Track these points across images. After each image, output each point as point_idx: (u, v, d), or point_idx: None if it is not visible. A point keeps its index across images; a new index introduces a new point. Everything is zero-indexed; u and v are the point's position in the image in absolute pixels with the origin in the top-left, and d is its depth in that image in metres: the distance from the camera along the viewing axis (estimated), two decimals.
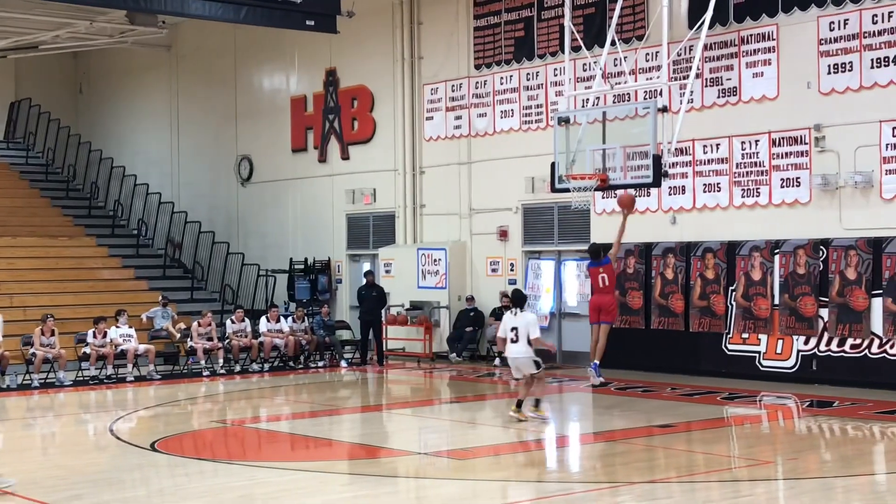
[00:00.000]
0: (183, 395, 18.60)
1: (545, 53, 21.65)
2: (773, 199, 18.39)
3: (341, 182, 25.79)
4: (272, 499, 10.20)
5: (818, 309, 17.74)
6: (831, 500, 10.11)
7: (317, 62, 26.20)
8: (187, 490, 10.84)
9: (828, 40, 17.67)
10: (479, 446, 13.21)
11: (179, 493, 10.73)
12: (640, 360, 19.82)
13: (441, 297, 23.14)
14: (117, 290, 24.78)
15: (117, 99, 32.38)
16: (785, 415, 15.86)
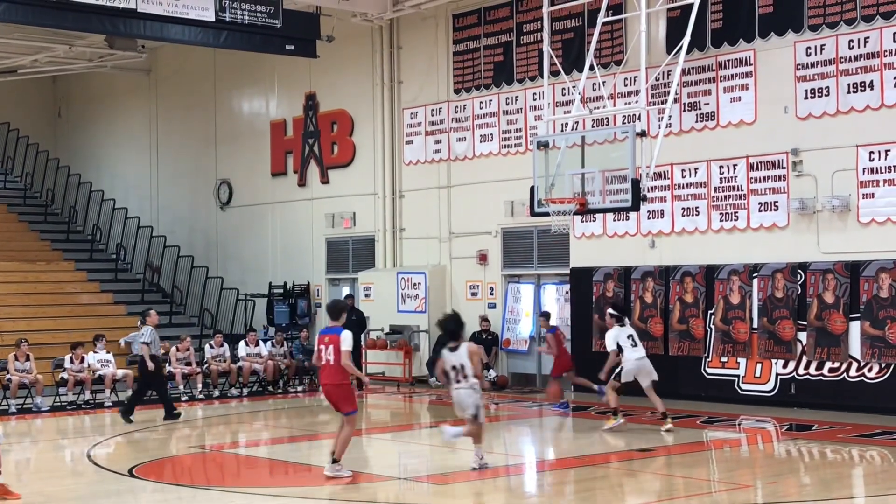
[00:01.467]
0: (161, 421, 18.47)
1: (524, 78, 21.74)
2: (751, 223, 18.48)
3: (321, 206, 25.78)
4: None
5: (796, 332, 17.80)
6: None
7: (296, 86, 26.22)
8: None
9: (805, 65, 17.81)
10: (459, 471, 13.16)
11: None
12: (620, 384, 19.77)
13: (421, 321, 23.11)
14: (95, 314, 24.66)
15: (96, 123, 32.31)
16: (764, 438, 15.88)
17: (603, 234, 20.48)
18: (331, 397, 12.22)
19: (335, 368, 11.95)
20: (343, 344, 11.86)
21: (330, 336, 12.05)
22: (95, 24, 20.46)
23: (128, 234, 28.69)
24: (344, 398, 12.13)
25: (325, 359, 11.99)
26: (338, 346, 11.90)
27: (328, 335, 12.10)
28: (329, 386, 12.12)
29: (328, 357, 11.95)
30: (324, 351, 11.99)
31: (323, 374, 12.15)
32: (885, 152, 16.96)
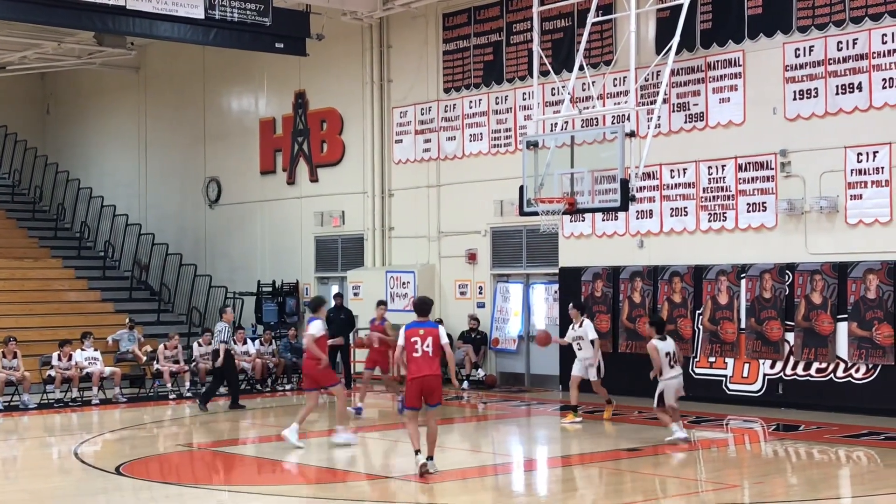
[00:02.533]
0: (149, 419, 18.46)
1: (514, 78, 21.75)
2: (740, 224, 18.52)
3: (310, 204, 25.76)
4: None
5: (784, 333, 17.85)
6: None
7: (286, 84, 26.19)
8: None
9: (793, 66, 17.86)
10: (446, 470, 13.16)
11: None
12: (608, 383, 19.77)
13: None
14: (83, 312, 24.61)
15: (85, 120, 32.22)
16: (751, 438, 15.92)
17: (592, 234, 20.50)
18: (427, 387, 12.19)
19: (433, 360, 12.14)
20: (442, 338, 12.26)
21: (426, 329, 12.27)
22: (85, 21, 20.42)
23: (116, 231, 28.63)
24: (439, 390, 12.29)
25: (421, 350, 12.11)
26: (437, 339, 12.17)
27: (423, 328, 12.29)
28: (430, 377, 12.15)
29: (426, 349, 12.10)
30: (419, 343, 12.12)
31: (417, 365, 12.13)
32: (873, 154, 17.01)
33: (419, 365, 12.12)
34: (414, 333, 12.23)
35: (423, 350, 12.10)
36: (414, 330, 12.29)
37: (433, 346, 12.12)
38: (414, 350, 12.12)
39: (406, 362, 12.26)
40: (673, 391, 14.55)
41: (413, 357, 12.14)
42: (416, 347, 12.12)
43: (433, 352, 12.12)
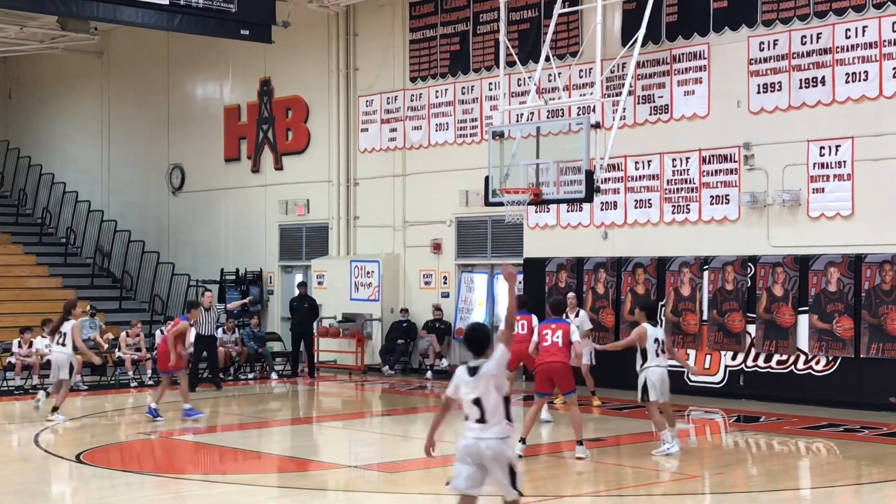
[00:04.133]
0: (110, 407, 18.34)
1: (480, 68, 21.75)
2: (703, 216, 18.63)
3: (274, 193, 25.65)
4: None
5: (745, 325, 17.98)
6: None
7: (251, 72, 26.05)
8: (112, 502, 10.69)
9: (758, 60, 17.96)
10: (409, 460, 13.18)
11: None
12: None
13: (374, 310, 23.09)
14: (44, 298, 24.39)
15: (48, 105, 31.89)
16: (712, 429, 16.03)
17: (556, 225, 20.56)
18: (556, 374, 12.77)
19: (563, 350, 12.80)
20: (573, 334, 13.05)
21: (557, 324, 13.02)
22: (48, 5, 20.22)
23: (78, 217, 28.39)
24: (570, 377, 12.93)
25: (551, 341, 12.80)
26: (567, 333, 12.90)
27: (555, 324, 13.04)
28: (558, 364, 12.75)
29: (555, 339, 12.80)
30: (550, 335, 12.84)
31: (548, 354, 12.81)
32: (835, 147, 17.15)
33: (547, 354, 12.83)
34: (546, 327, 13.02)
35: (552, 341, 12.83)
36: (546, 325, 13.08)
37: (563, 338, 12.84)
38: (544, 339, 12.89)
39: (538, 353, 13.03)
40: (660, 383, 13.10)
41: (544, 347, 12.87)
42: (546, 338, 12.87)
43: (563, 343, 12.83)
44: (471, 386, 7.41)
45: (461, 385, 7.47)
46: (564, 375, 12.81)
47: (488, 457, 7.42)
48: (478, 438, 7.42)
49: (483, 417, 7.41)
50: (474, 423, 7.46)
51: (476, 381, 7.39)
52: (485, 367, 7.36)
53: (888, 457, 13.17)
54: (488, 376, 7.35)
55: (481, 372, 7.36)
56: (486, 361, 7.37)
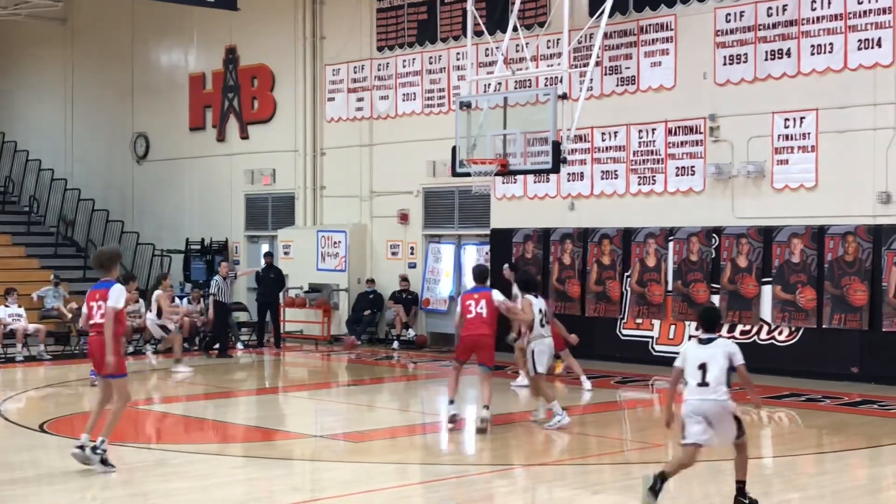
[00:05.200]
0: (74, 376, 18.23)
1: (448, 37, 21.67)
2: (668, 187, 18.70)
3: (240, 162, 25.51)
4: (164, 481, 10.07)
5: (710, 295, 18.09)
6: (720, 482, 10.32)
7: (216, 39, 25.84)
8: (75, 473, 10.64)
9: (724, 31, 18.00)
10: (375, 429, 13.21)
11: (68, 474, 10.53)
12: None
13: (340, 280, 23.06)
14: (7, 268, 24.16)
15: (10, 72, 31.50)
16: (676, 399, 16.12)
17: (523, 196, 20.58)
18: (478, 346, 12.62)
19: (487, 321, 12.53)
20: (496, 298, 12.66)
21: (480, 293, 12.66)
22: None
23: (41, 186, 28.13)
24: (491, 350, 12.68)
25: (475, 312, 12.55)
26: (491, 301, 12.55)
27: (478, 293, 12.69)
28: (481, 336, 12.54)
29: (479, 310, 12.52)
30: (474, 305, 12.56)
31: (471, 326, 12.57)
32: (800, 119, 17.24)
33: (470, 326, 12.62)
34: (469, 297, 12.77)
35: (476, 311, 12.57)
36: (469, 295, 12.85)
37: (487, 308, 12.55)
38: (468, 312, 12.61)
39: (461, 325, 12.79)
40: (546, 356, 13.04)
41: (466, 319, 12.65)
42: (470, 310, 12.61)
43: (487, 313, 12.55)
44: (701, 354, 9.13)
45: (689, 355, 9.23)
46: (486, 347, 12.65)
47: (713, 414, 9.04)
48: (701, 400, 9.06)
49: (704, 381, 9.03)
50: (696, 386, 9.13)
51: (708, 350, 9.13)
52: (718, 341, 9.14)
53: (850, 426, 13.33)
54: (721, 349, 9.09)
55: (715, 343, 9.12)
56: (717, 337, 9.18)
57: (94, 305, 10.44)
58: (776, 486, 10.27)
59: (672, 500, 9.62)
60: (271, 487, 10.11)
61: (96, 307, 10.40)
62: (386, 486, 10.18)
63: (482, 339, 12.60)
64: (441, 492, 9.95)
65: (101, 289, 10.47)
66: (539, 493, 9.99)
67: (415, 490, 10.21)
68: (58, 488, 9.93)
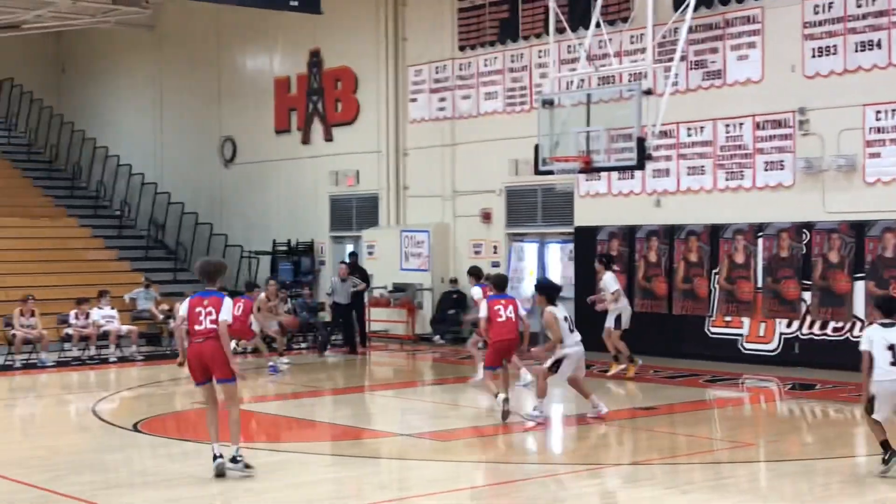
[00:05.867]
0: (165, 377, 18.54)
1: (530, 35, 21.60)
2: (757, 183, 18.42)
3: (324, 164, 25.72)
4: (255, 480, 10.19)
5: (801, 292, 17.79)
6: (812, 482, 10.15)
7: (300, 43, 26.08)
8: (169, 471, 10.82)
9: (812, 23, 17.68)
10: (461, 428, 13.21)
11: (161, 473, 10.71)
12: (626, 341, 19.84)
13: (424, 280, 23.12)
14: (100, 270, 24.69)
15: (101, 79, 32.18)
16: (767, 397, 15.91)
17: (608, 193, 20.43)
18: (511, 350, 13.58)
19: (516, 325, 13.39)
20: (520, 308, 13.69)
21: (507, 300, 13.54)
22: None
23: (132, 190, 28.66)
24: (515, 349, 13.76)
25: (505, 316, 13.28)
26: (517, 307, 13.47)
27: (505, 299, 13.54)
28: (514, 340, 13.43)
29: (509, 315, 13.31)
30: (503, 310, 13.33)
31: (505, 329, 13.32)
32: (891, 111, 16.86)
33: (504, 330, 13.32)
34: (496, 303, 13.47)
35: (506, 316, 13.33)
36: (496, 301, 13.53)
37: (515, 313, 13.38)
38: (497, 315, 13.31)
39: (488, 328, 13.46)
40: (575, 361, 13.12)
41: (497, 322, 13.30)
42: (499, 314, 13.33)
43: (515, 318, 13.38)
44: (888, 336, 9.83)
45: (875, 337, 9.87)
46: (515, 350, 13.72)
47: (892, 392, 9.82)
48: (893, 381, 9.78)
49: None
50: (888, 366, 9.79)
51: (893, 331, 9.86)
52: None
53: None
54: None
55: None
56: None
57: (203, 311, 10.30)
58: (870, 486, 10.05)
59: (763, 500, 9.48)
60: (359, 486, 10.17)
61: (205, 313, 10.28)
62: (472, 486, 10.17)
63: (513, 342, 13.46)
64: (528, 491, 9.92)
65: (211, 297, 10.37)
66: (627, 492, 9.91)
67: (501, 489, 10.19)
68: (152, 487, 10.10)
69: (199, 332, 10.21)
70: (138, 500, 9.47)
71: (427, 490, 9.83)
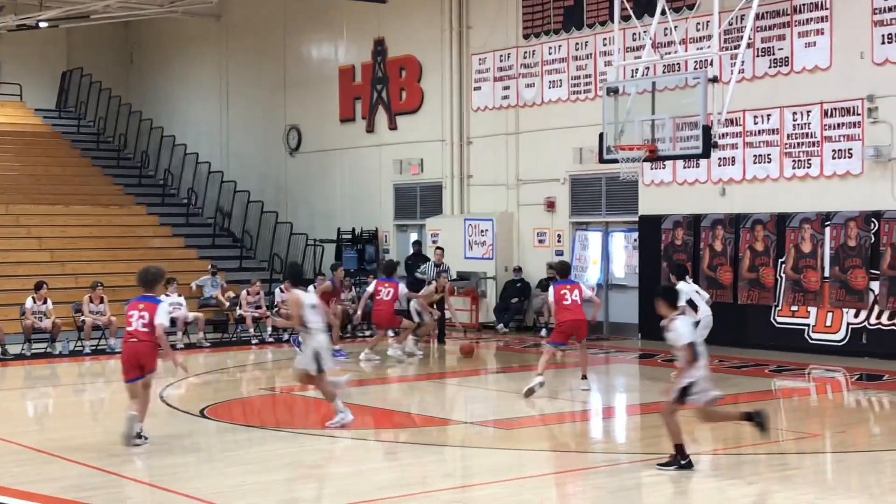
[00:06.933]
0: (232, 363, 18.79)
1: (594, 23, 21.50)
2: (825, 171, 18.20)
3: (389, 152, 25.83)
4: (319, 466, 10.30)
5: (869, 282, 17.56)
6: (880, 473, 10.04)
7: (365, 32, 26.19)
8: (236, 456, 10.97)
9: (882, 10, 17.40)
10: (525, 416, 13.24)
11: (228, 459, 10.87)
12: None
13: (488, 268, 23.15)
14: (167, 258, 24.94)
15: (167, 69, 32.58)
16: (833, 388, 15.74)
17: (672, 182, 20.29)
18: (581, 330, 14.66)
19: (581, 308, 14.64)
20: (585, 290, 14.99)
21: (571, 284, 14.75)
22: None
23: (199, 179, 28.98)
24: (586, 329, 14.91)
25: (570, 300, 14.47)
26: (581, 291, 14.68)
27: (570, 284, 14.75)
28: (582, 321, 14.62)
29: (574, 298, 14.48)
30: (569, 294, 14.49)
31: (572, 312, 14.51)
32: None
33: (571, 312, 14.50)
34: (562, 287, 14.62)
35: (572, 300, 14.48)
36: (562, 286, 14.66)
37: (580, 296, 14.60)
38: (563, 298, 14.50)
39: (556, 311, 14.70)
40: None
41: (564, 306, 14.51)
42: (566, 297, 14.50)
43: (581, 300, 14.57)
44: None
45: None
46: (585, 327, 14.80)
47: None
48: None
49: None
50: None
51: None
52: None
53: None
54: None
55: None
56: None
57: (136, 314, 11.22)
58: None
59: (830, 492, 9.40)
60: (424, 473, 10.24)
61: (138, 316, 11.19)
62: (536, 474, 10.20)
63: (579, 323, 14.58)
64: (592, 480, 9.92)
65: (147, 302, 11.33)
66: (693, 482, 9.87)
67: (565, 478, 10.20)
68: (219, 472, 10.25)
69: (131, 333, 11.18)
70: (205, 486, 9.61)
71: (491, 478, 9.87)
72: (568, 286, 14.68)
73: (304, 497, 9.53)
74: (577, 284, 14.87)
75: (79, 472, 10.16)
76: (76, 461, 10.51)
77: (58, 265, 23.06)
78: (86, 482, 9.85)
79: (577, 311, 14.58)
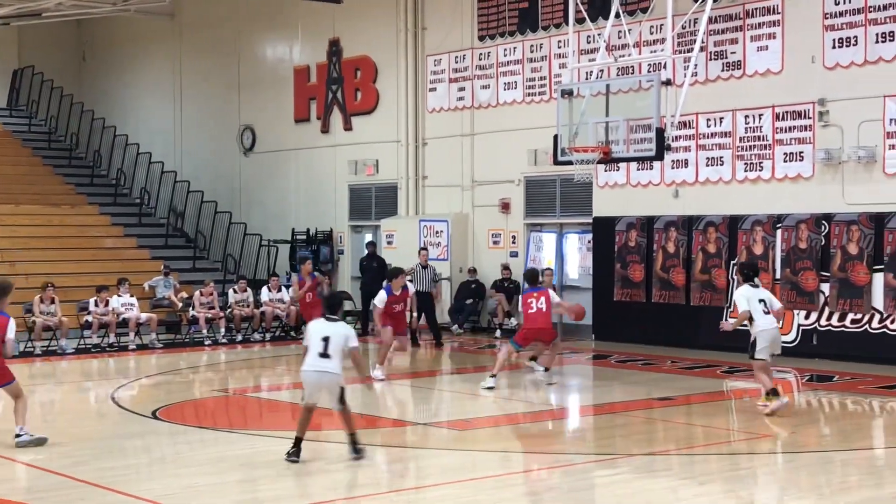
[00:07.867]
0: (185, 364, 18.66)
1: (549, 25, 21.58)
2: (776, 174, 18.38)
3: (344, 153, 25.77)
4: (272, 467, 10.25)
5: (819, 283, 17.75)
6: (830, 473, 10.15)
7: (320, 32, 26.11)
8: (188, 458, 10.90)
9: (833, 14, 17.60)
10: (478, 417, 13.25)
11: (180, 460, 10.79)
12: (641, 334, 19.86)
13: (443, 269, 23.14)
14: (119, 258, 24.82)
15: (121, 67, 32.29)
16: (785, 389, 15.84)
17: (626, 184, 20.41)
18: (545, 336, 15.22)
19: (547, 315, 14.99)
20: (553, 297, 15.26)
21: (539, 292, 15.01)
22: None
23: (152, 178, 28.75)
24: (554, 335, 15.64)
25: (536, 307, 14.86)
26: (549, 299, 14.94)
27: (537, 292, 15.02)
28: (545, 329, 15.10)
29: (540, 306, 14.84)
30: (535, 302, 14.88)
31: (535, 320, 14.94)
32: None
33: (538, 319, 14.92)
34: (529, 296, 15.08)
35: (537, 307, 14.88)
36: (529, 294, 15.14)
37: (546, 304, 14.92)
38: (529, 306, 14.99)
39: None
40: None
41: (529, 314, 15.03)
42: (532, 306, 14.94)
43: (546, 309, 14.94)
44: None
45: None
46: (550, 334, 15.32)
47: None
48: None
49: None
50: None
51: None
52: None
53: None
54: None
55: None
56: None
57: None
58: (889, 478, 10.04)
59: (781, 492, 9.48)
60: (376, 474, 10.22)
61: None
62: (490, 475, 10.21)
63: (543, 331, 15.07)
64: (546, 481, 9.95)
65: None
66: (645, 482, 9.92)
67: (519, 478, 10.22)
68: (170, 474, 10.17)
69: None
70: (157, 487, 9.54)
71: (445, 479, 9.87)
72: (535, 294, 14.99)
73: (256, 498, 9.48)
74: (544, 291, 15.09)
75: (30, 475, 10.04)
76: (26, 463, 10.39)
77: (8, 265, 22.77)
78: (36, 484, 9.74)
79: (540, 320, 14.91)
